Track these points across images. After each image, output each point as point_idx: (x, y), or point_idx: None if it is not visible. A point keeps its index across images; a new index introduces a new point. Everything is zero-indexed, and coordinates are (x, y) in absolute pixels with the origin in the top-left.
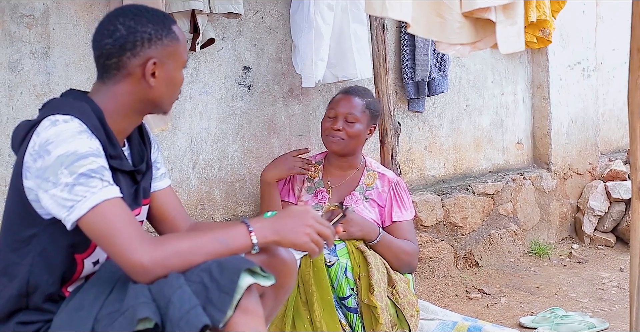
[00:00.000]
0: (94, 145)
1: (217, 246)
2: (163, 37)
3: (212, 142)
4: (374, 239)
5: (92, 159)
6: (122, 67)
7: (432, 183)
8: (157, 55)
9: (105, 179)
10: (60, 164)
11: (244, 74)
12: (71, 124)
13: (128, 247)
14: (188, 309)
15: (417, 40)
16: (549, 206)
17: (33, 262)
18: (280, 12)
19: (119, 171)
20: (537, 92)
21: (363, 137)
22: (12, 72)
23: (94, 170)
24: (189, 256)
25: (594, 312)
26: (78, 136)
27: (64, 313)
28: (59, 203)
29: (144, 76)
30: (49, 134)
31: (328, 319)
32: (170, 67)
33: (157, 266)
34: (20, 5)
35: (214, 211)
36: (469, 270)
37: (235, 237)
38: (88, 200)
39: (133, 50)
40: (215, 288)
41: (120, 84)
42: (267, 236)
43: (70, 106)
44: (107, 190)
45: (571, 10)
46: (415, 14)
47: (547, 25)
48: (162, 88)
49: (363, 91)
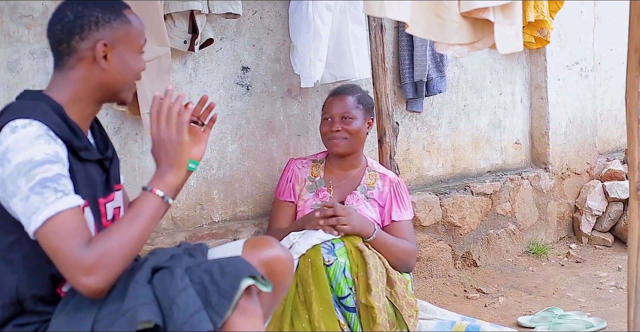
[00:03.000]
0: (52, 151)
1: (136, 224)
2: (112, 20)
3: (210, 142)
4: (370, 235)
5: (48, 167)
6: (73, 52)
7: (430, 183)
8: (105, 37)
9: (59, 189)
10: (19, 172)
11: (242, 74)
12: (29, 129)
13: (66, 268)
14: (192, 313)
15: (415, 41)
16: (547, 206)
17: (19, 269)
18: (279, 13)
19: (88, 161)
20: (535, 92)
21: (363, 132)
22: (11, 73)
23: (49, 178)
24: (120, 250)
25: (592, 312)
26: (35, 142)
27: (62, 314)
28: (21, 213)
29: (95, 59)
30: (9, 142)
31: (327, 318)
32: (123, 51)
33: (96, 280)
34: (19, 5)
35: (213, 211)
36: (467, 270)
37: (144, 205)
38: (43, 211)
39: (81, 33)
40: (215, 291)
41: (74, 69)
42: (169, 180)
43: (29, 108)
44: (61, 201)
45: (569, 10)
46: (413, 14)
47: (545, 25)
48: (115, 72)
49: (351, 88)
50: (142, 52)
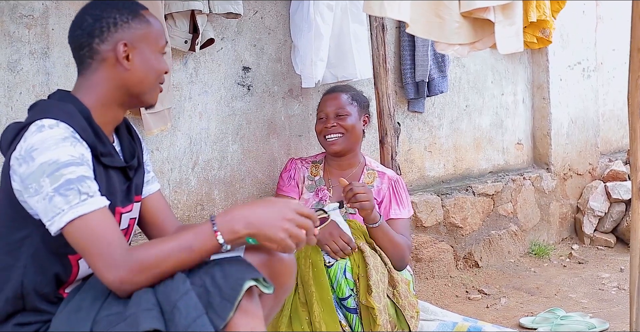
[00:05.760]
0: (77, 153)
1: (184, 253)
2: (130, 20)
3: (211, 142)
4: (377, 221)
5: (73, 169)
6: (95, 54)
7: (432, 183)
8: (125, 38)
9: (84, 191)
10: (42, 172)
11: (243, 75)
12: (56, 130)
13: (100, 265)
14: (194, 318)
15: (417, 41)
16: (549, 207)
17: (26, 264)
18: (280, 13)
19: (111, 167)
20: (537, 92)
21: (359, 129)
22: (11, 73)
23: (73, 180)
24: (156, 270)
25: (594, 313)
26: (62, 143)
27: (62, 314)
28: (41, 210)
29: (117, 60)
30: (35, 140)
31: (328, 319)
32: (144, 51)
33: (127, 284)
34: (20, 5)
35: (214, 211)
36: (469, 270)
37: (200, 239)
38: (66, 214)
39: (101, 35)
40: (217, 294)
41: (98, 72)
42: (238, 230)
43: (57, 109)
44: (86, 204)
45: (571, 10)
46: (413, 14)
47: (547, 25)
48: (138, 72)
49: (344, 87)
50: (163, 52)
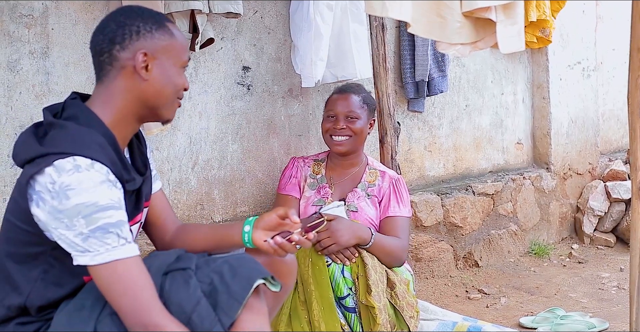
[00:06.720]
0: (115, 197)
1: None
2: (153, 30)
3: (211, 142)
4: (368, 242)
5: (112, 213)
6: (115, 61)
7: (431, 183)
8: (146, 47)
9: (122, 236)
10: (78, 212)
11: (243, 74)
12: (93, 173)
13: (130, 314)
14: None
15: (416, 40)
16: (548, 206)
17: (37, 279)
18: (280, 12)
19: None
20: (537, 92)
21: (365, 132)
22: (11, 72)
23: (112, 224)
24: None
25: (594, 313)
26: (100, 186)
27: (64, 313)
28: (69, 244)
29: (136, 70)
30: (71, 180)
31: (327, 318)
32: (164, 63)
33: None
34: (20, 5)
35: (213, 211)
36: (469, 270)
37: None
38: (101, 255)
39: (122, 43)
40: (225, 292)
41: (116, 80)
42: None
43: (89, 139)
44: (123, 249)
45: (571, 10)
46: (415, 13)
47: (547, 25)
48: (156, 84)
49: (357, 87)
50: (184, 67)
